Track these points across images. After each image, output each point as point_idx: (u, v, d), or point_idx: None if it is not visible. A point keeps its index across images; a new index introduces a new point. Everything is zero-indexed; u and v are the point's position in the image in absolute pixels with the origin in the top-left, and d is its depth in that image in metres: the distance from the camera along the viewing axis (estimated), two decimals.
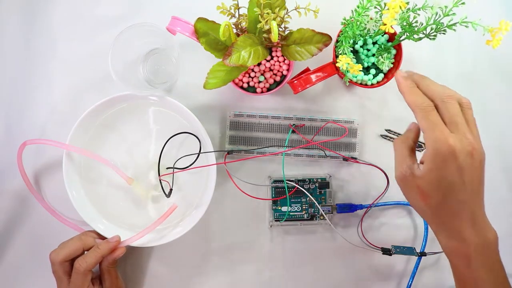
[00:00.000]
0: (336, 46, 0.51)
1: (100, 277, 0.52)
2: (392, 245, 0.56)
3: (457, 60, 0.59)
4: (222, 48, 0.48)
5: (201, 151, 0.54)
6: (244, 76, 0.53)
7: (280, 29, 0.48)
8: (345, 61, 0.44)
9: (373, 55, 0.53)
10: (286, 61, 0.53)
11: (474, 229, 0.39)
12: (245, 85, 0.53)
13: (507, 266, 0.40)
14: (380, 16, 0.46)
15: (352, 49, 0.53)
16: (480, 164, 0.38)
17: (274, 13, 0.45)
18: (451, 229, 0.40)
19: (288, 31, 0.49)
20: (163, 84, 0.55)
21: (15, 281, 0.57)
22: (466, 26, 0.41)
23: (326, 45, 0.47)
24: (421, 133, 0.41)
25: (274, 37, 0.44)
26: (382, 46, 0.52)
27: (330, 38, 0.47)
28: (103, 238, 0.52)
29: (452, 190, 0.38)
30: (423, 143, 0.57)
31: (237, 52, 0.44)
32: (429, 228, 0.57)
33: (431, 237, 0.58)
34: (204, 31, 0.47)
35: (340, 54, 0.48)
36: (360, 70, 0.52)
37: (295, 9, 0.46)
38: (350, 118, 0.57)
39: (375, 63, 0.53)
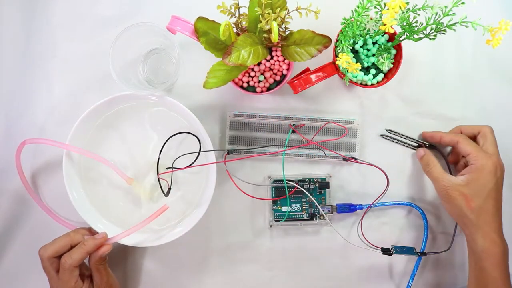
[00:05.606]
0: (336, 46, 0.51)
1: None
2: (392, 245, 0.56)
3: (457, 60, 0.58)
4: (222, 48, 0.48)
5: (201, 150, 0.54)
6: (244, 75, 0.53)
7: (281, 30, 0.48)
8: (345, 59, 0.44)
9: (373, 55, 0.53)
10: (286, 61, 0.53)
11: (499, 236, 0.49)
12: (245, 85, 0.53)
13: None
14: (380, 16, 0.46)
15: (352, 49, 0.53)
16: (502, 177, 0.50)
17: (275, 13, 0.45)
18: (486, 232, 0.49)
19: (289, 32, 0.49)
20: (163, 84, 0.55)
21: (13, 280, 0.57)
22: (466, 26, 0.41)
23: (326, 47, 0.47)
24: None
25: (275, 37, 0.44)
26: (382, 46, 0.52)
27: (330, 40, 0.47)
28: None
29: (490, 197, 0.49)
30: (422, 142, 0.57)
31: (237, 51, 0.44)
32: (428, 230, 0.57)
33: (431, 237, 0.58)
34: (204, 31, 0.47)
35: (340, 52, 0.48)
36: (360, 70, 0.53)
37: (296, 10, 0.46)
38: (350, 118, 0.57)
39: (375, 63, 0.53)
